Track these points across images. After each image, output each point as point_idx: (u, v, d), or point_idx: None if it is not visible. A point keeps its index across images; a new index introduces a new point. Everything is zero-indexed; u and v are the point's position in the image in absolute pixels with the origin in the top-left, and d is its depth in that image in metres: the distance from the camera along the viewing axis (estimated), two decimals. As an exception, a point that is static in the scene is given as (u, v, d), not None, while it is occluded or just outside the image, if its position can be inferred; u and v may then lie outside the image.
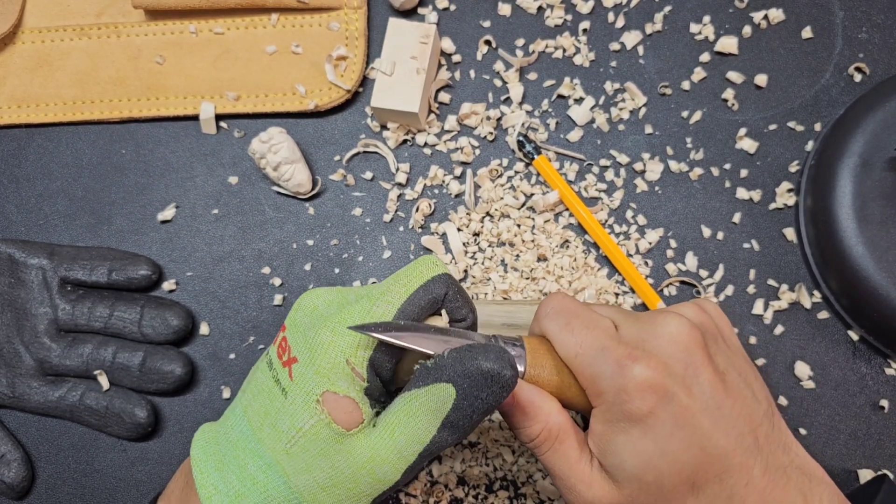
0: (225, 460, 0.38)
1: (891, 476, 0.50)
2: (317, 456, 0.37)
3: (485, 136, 0.57)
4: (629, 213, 0.55)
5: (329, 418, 0.37)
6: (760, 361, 0.52)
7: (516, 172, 0.56)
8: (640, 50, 0.57)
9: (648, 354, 0.38)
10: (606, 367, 0.38)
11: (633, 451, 0.38)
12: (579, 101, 0.57)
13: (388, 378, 0.39)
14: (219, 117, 0.58)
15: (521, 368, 0.39)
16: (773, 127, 0.55)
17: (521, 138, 0.55)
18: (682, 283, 0.54)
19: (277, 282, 0.56)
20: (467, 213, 0.55)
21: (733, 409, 0.38)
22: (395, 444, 0.37)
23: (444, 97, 0.57)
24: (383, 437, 0.37)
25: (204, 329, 0.55)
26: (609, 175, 0.56)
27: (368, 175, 0.57)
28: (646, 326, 0.39)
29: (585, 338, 0.39)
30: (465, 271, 0.55)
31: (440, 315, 0.40)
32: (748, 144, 0.55)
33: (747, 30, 0.56)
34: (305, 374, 0.37)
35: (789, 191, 0.54)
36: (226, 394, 0.55)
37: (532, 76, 0.57)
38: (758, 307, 0.53)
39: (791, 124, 0.55)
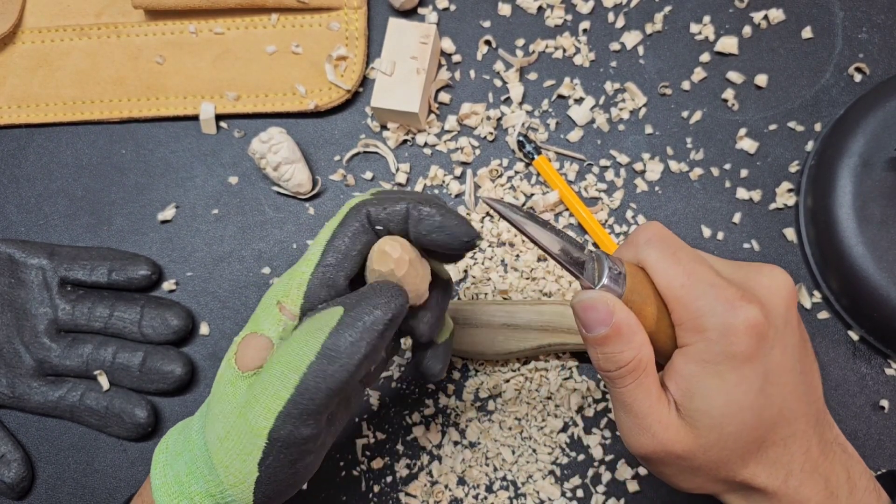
0: (181, 434, 0.39)
1: None
2: (219, 401, 0.37)
3: (485, 136, 0.57)
4: (629, 213, 0.55)
5: (232, 358, 0.37)
6: (760, 361, 0.52)
7: (516, 172, 0.56)
8: (641, 50, 0.57)
9: (757, 300, 0.36)
10: (716, 302, 0.35)
11: (725, 398, 0.36)
12: (579, 101, 0.57)
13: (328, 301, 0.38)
14: (219, 117, 0.58)
15: (621, 289, 0.36)
16: (773, 127, 0.55)
17: (521, 138, 0.55)
18: (682, 283, 0.54)
19: (277, 282, 0.56)
20: (467, 213, 0.55)
21: (809, 377, 0.38)
22: (269, 383, 0.35)
23: (444, 97, 0.57)
24: (262, 379, 0.35)
25: (204, 329, 0.55)
26: (609, 175, 0.56)
27: (368, 175, 0.57)
28: (750, 274, 0.37)
29: (695, 269, 0.36)
30: (465, 271, 0.55)
31: (390, 238, 0.38)
32: (748, 144, 0.55)
33: (747, 30, 0.56)
34: (243, 332, 0.38)
35: (789, 191, 0.54)
36: (226, 394, 0.55)
37: (532, 76, 0.57)
38: (758, 307, 0.53)
39: (791, 124, 0.55)
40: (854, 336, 0.52)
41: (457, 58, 0.58)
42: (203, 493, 0.37)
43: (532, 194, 0.55)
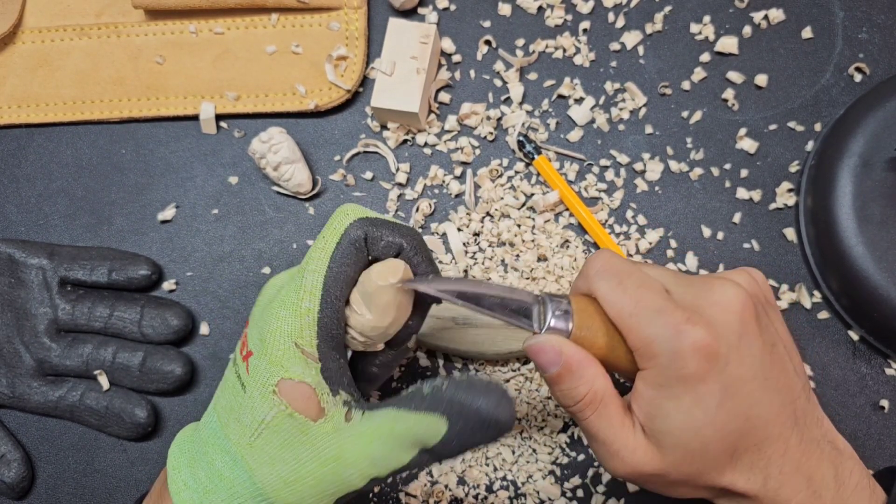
0: (196, 457, 0.38)
1: None
2: (280, 447, 0.37)
3: (485, 136, 0.57)
4: (629, 213, 0.55)
5: (289, 408, 0.36)
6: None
7: (516, 172, 0.56)
8: (641, 50, 0.57)
9: (706, 320, 0.37)
10: (663, 329, 0.36)
11: (683, 417, 0.37)
12: (579, 101, 0.57)
13: (343, 349, 0.38)
14: (219, 117, 0.58)
15: (568, 325, 0.38)
16: (773, 127, 0.55)
17: (521, 138, 0.55)
18: (682, 283, 0.54)
19: (277, 282, 0.56)
20: (467, 213, 0.55)
21: (778, 381, 0.38)
22: (370, 455, 0.36)
23: (444, 97, 0.57)
24: (358, 443, 0.36)
25: (204, 329, 0.55)
26: (609, 175, 0.56)
27: (368, 175, 0.57)
28: (700, 292, 0.38)
29: (641, 297, 0.37)
30: (465, 271, 0.55)
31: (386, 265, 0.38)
32: (748, 144, 0.55)
33: (747, 30, 0.56)
34: (259, 366, 0.37)
35: (789, 191, 0.54)
36: (226, 394, 0.55)
37: (532, 76, 0.57)
38: (758, 307, 0.53)
39: (791, 124, 0.55)
40: (854, 336, 0.52)
41: (457, 58, 0.58)
42: None
43: (532, 194, 0.55)
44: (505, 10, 0.58)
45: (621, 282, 0.38)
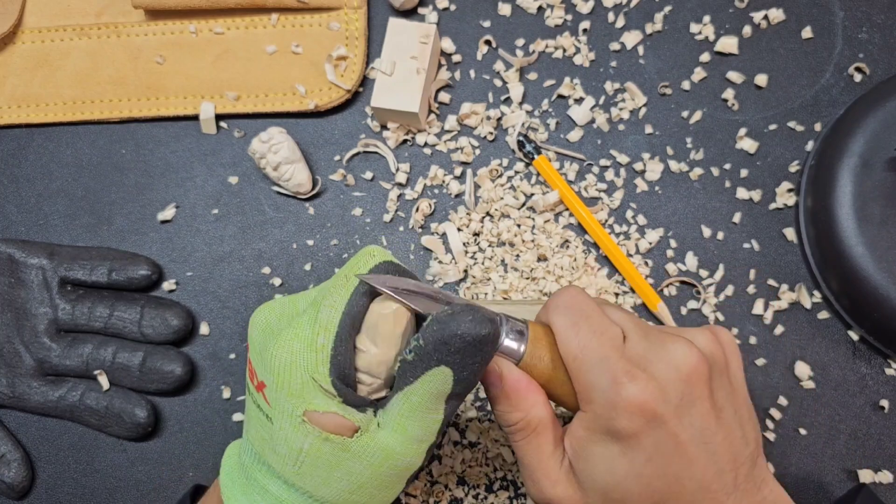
0: (249, 485, 0.39)
1: (889, 479, 0.50)
2: (329, 469, 0.37)
3: (485, 136, 0.57)
4: (629, 213, 0.55)
5: (324, 433, 0.36)
6: (761, 361, 0.52)
7: (516, 172, 0.56)
8: (640, 50, 0.57)
9: (648, 376, 0.37)
10: (602, 378, 0.37)
11: (607, 466, 0.37)
12: (579, 101, 0.57)
13: (351, 378, 0.38)
14: (219, 117, 0.58)
15: (520, 349, 0.39)
16: (773, 127, 0.55)
17: (521, 138, 0.55)
18: (682, 283, 0.54)
19: (277, 282, 0.56)
20: (467, 213, 0.55)
21: (720, 447, 0.37)
22: (411, 436, 0.37)
23: (444, 97, 0.57)
24: (396, 436, 0.37)
25: (204, 329, 0.55)
26: (609, 175, 0.56)
27: (368, 175, 0.57)
28: (653, 346, 0.38)
29: (589, 342, 0.38)
30: (465, 271, 0.55)
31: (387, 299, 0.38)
32: (748, 144, 0.55)
33: (747, 30, 0.56)
34: (279, 398, 0.37)
35: (789, 191, 0.54)
36: (226, 394, 0.55)
37: (532, 76, 0.57)
38: (758, 307, 0.53)
39: (791, 124, 0.55)
40: (854, 336, 0.52)
41: (457, 58, 0.58)
42: None
43: (532, 194, 0.55)
44: (505, 10, 0.58)
45: (576, 322, 0.39)
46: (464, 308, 0.36)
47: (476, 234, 0.55)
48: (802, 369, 0.52)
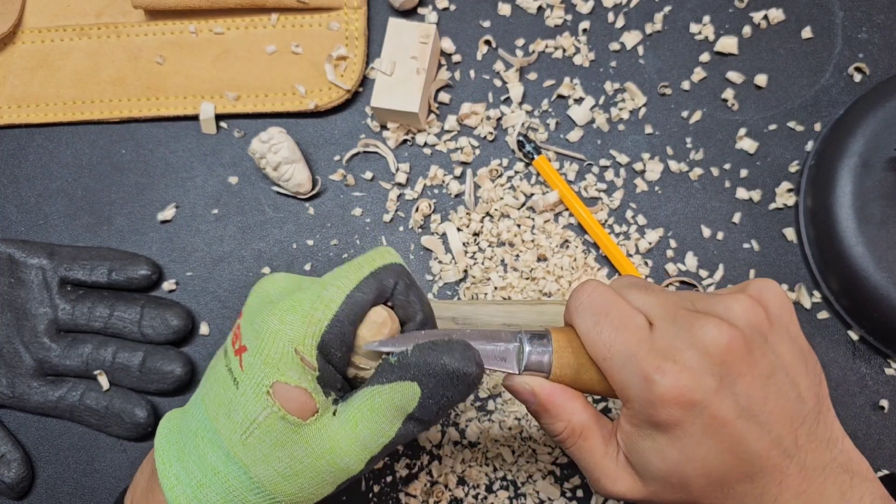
0: (186, 450, 0.38)
1: None
2: (273, 447, 0.37)
3: (485, 136, 0.57)
4: (629, 213, 0.55)
5: (282, 410, 0.36)
6: (760, 361, 0.52)
7: (516, 172, 0.56)
8: (640, 50, 0.57)
9: (679, 367, 0.36)
10: (633, 377, 0.37)
11: (660, 456, 0.37)
12: (579, 101, 0.57)
13: (341, 366, 0.38)
14: (219, 117, 0.58)
15: (547, 361, 0.39)
16: (773, 127, 0.55)
17: (521, 138, 0.55)
18: (682, 283, 0.54)
19: (277, 282, 0.56)
20: (467, 213, 0.55)
21: (772, 414, 0.37)
22: (359, 437, 0.37)
23: (444, 97, 0.57)
24: (346, 431, 0.37)
25: (204, 329, 0.55)
26: (609, 175, 0.56)
27: (368, 175, 0.57)
28: (682, 332, 0.37)
29: (615, 341, 0.37)
30: (465, 271, 0.55)
31: (384, 307, 0.39)
32: (748, 144, 0.55)
33: (747, 30, 0.56)
34: (254, 363, 0.37)
35: (789, 191, 0.54)
36: (226, 394, 0.55)
37: (532, 76, 0.57)
38: (758, 307, 0.53)
39: (791, 124, 0.55)
40: (854, 336, 0.52)
41: (457, 58, 0.58)
42: None
43: (532, 194, 0.55)
44: (505, 10, 0.58)
45: (597, 322, 0.38)
46: (462, 344, 0.37)
47: (476, 234, 0.55)
48: (802, 369, 0.52)
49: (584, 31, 0.57)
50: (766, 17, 0.57)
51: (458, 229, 0.55)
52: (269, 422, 0.37)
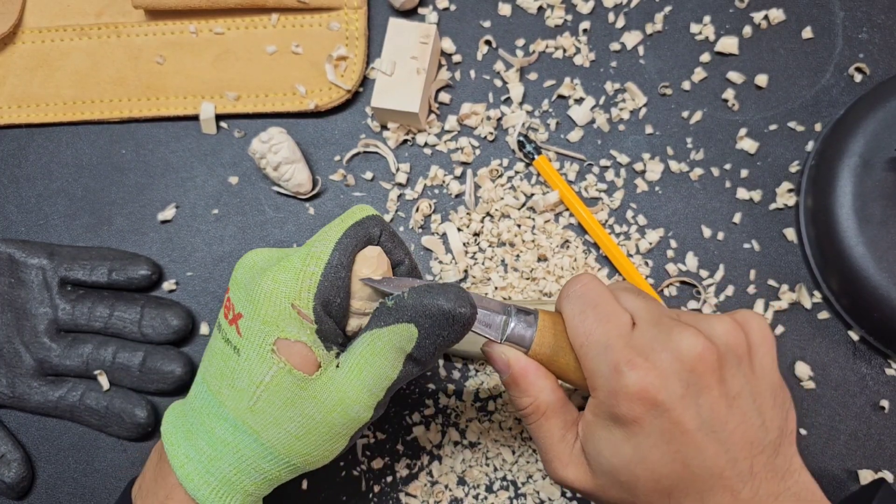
0: (192, 429, 0.39)
1: (889, 479, 0.50)
2: (283, 406, 0.37)
3: (485, 136, 0.57)
4: (629, 214, 0.55)
5: (288, 365, 0.37)
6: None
7: (516, 172, 0.56)
8: (641, 50, 0.57)
9: (649, 364, 0.37)
10: (604, 366, 0.38)
11: (613, 450, 0.38)
12: (579, 101, 0.57)
13: (340, 317, 0.39)
14: (219, 117, 0.58)
15: (528, 337, 0.40)
16: (773, 127, 0.55)
17: (521, 138, 0.55)
18: (683, 283, 0.54)
19: (277, 282, 0.56)
20: (467, 213, 0.55)
21: (733, 434, 0.37)
22: (364, 382, 0.38)
23: (445, 97, 0.57)
24: (351, 378, 0.38)
25: (204, 329, 0.55)
26: (609, 175, 0.56)
27: (368, 175, 0.57)
28: (660, 335, 0.38)
29: (594, 331, 0.39)
30: (466, 271, 0.55)
31: (375, 246, 0.40)
32: (748, 144, 0.55)
33: (747, 30, 0.56)
34: (253, 326, 0.37)
35: (789, 191, 0.54)
36: (226, 394, 0.55)
37: (532, 76, 0.57)
38: (758, 307, 0.53)
39: (791, 124, 0.55)
40: (854, 336, 0.52)
41: (457, 58, 0.58)
42: (258, 481, 0.39)
43: (532, 194, 0.55)
44: (505, 10, 0.58)
45: (584, 311, 0.39)
46: (455, 287, 0.38)
47: (476, 235, 0.55)
48: (803, 369, 0.52)
49: (585, 31, 0.57)
50: (766, 18, 0.57)
51: (459, 229, 0.55)
52: (276, 381, 0.37)
